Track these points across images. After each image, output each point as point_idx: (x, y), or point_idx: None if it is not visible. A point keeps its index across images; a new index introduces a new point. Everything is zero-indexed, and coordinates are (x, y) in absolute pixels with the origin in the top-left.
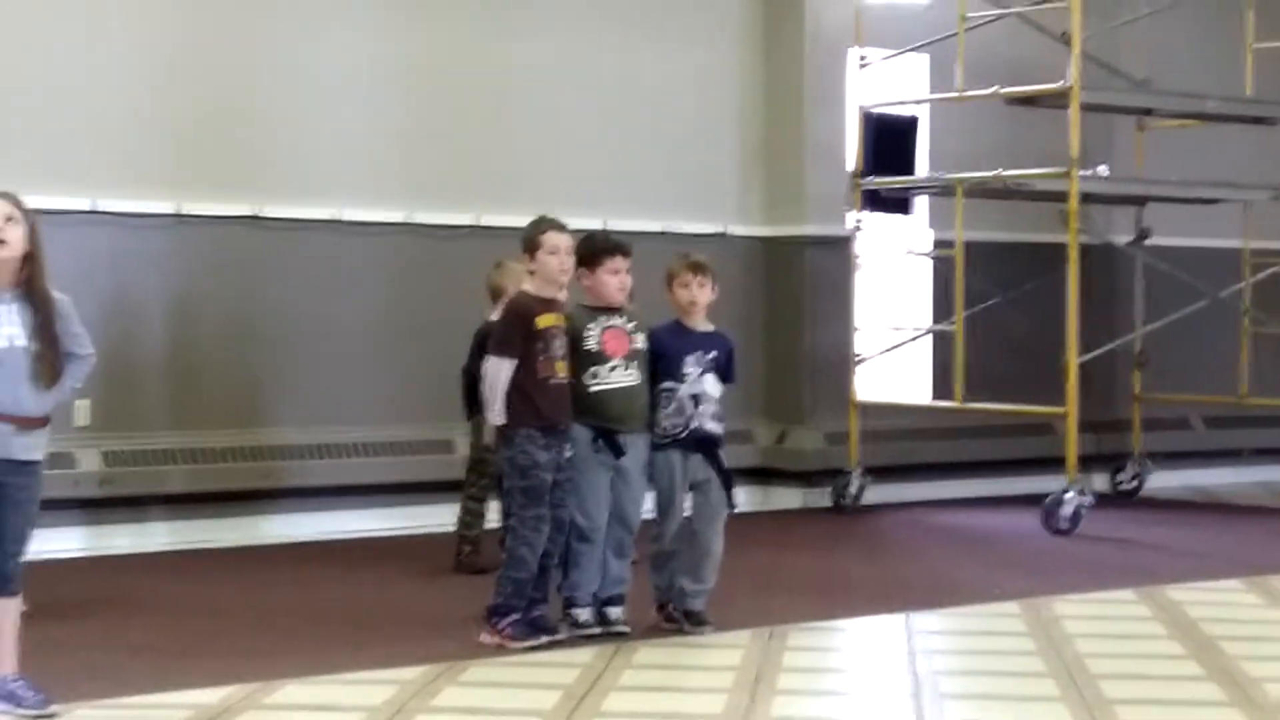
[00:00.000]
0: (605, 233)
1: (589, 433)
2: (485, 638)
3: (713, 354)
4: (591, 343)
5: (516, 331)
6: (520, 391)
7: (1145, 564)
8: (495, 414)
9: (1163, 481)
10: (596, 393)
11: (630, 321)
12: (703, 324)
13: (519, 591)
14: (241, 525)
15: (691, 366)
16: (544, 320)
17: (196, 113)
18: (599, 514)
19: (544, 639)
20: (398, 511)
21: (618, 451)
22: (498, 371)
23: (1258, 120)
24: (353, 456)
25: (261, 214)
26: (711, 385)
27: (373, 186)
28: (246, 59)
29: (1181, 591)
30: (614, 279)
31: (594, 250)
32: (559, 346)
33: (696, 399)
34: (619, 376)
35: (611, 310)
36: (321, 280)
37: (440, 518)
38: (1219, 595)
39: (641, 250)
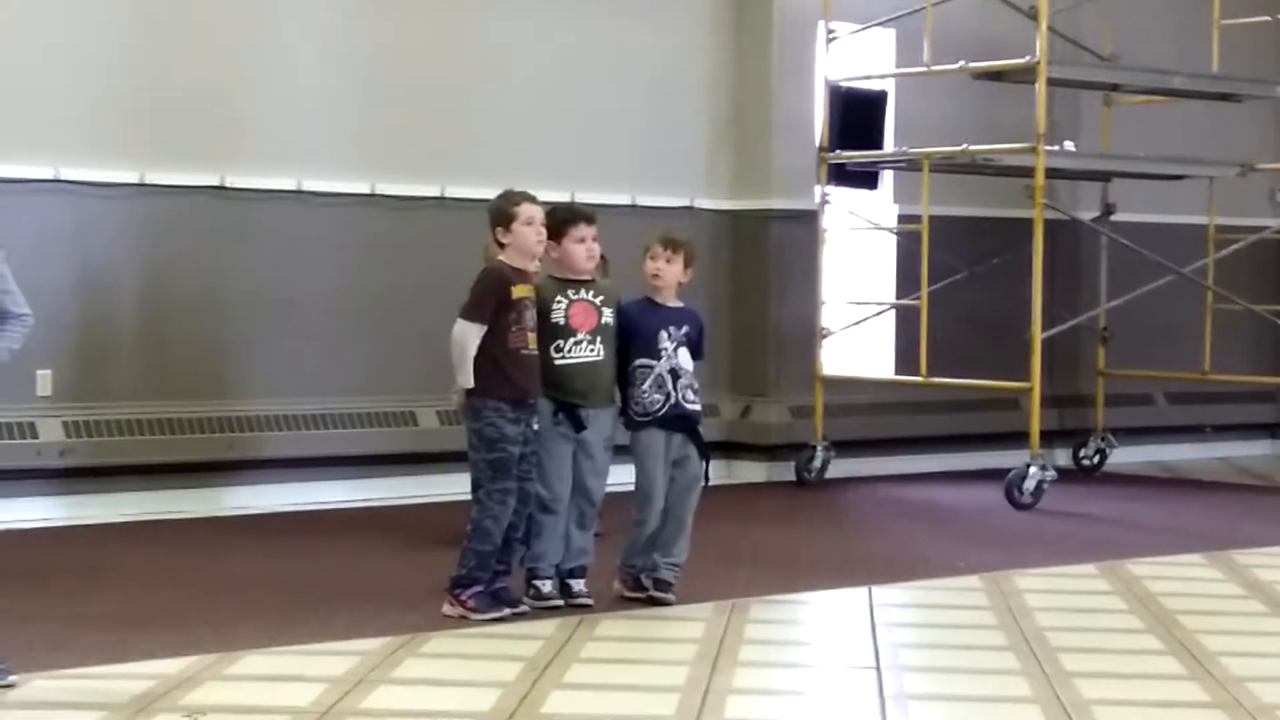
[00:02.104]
0: (570, 204)
1: (550, 406)
2: (448, 609)
3: (685, 329)
4: (558, 315)
5: (491, 299)
6: (493, 362)
7: (1107, 538)
8: (464, 377)
9: (1125, 457)
10: (561, 366)
11: (599, 295)
12: (672, 300)
13: (483, 564)
14: (205, 496)
15: (666, 342)
16: (519, 290)
17: (161, 82)
18: (561, 486)
19: (506, 611)
20: (362, 483)
21: (578, 425)
22: (466, 336)
23: (1224, 97)
24: (317, 428)
25: (225, 184)
26: (686, 359)
27: (337, 157)
28: (211, 28)
29: (1142, 566)
30: (580, 247)
31: (558, 220)
32: (530, 318)
33: (675, 373)
34: (584, 351)
35: (581, 283)
36: (285, 251)
37: (404, 490)
38: (1180, 570)
39: (609, 224)
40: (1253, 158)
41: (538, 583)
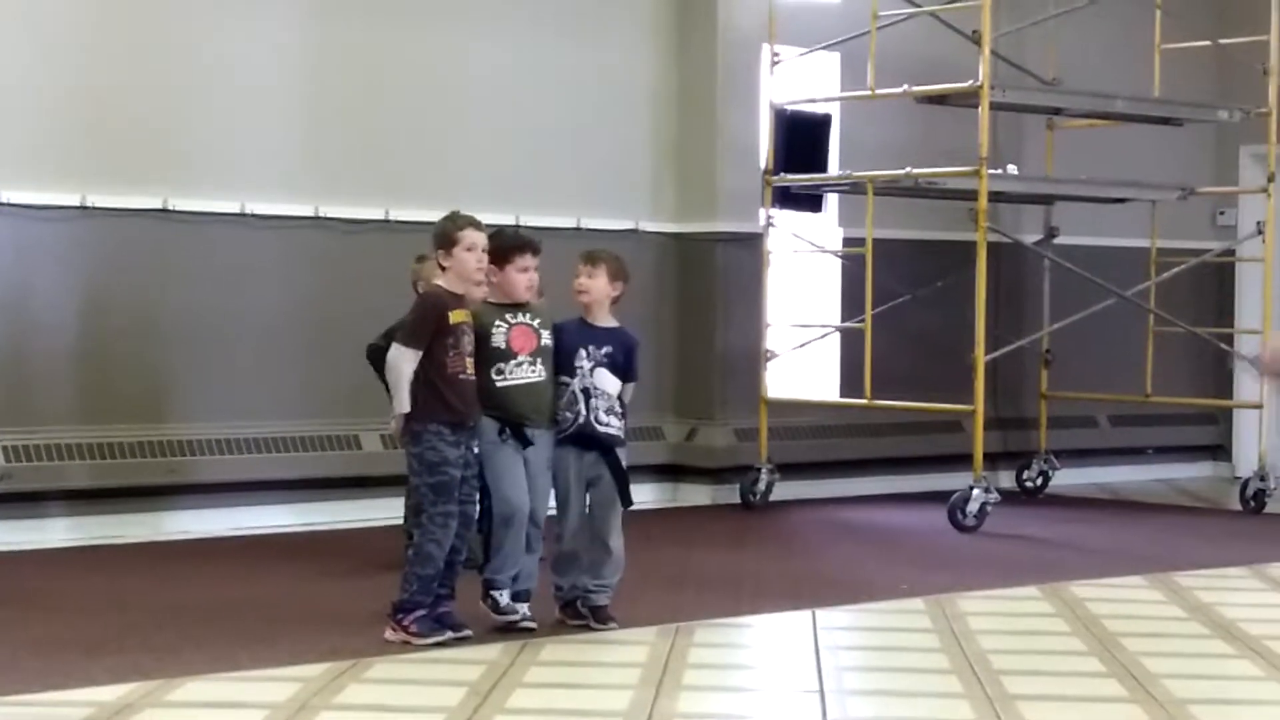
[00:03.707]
0: (515, 229)
1: (495, 424)
2: (390, 634)
3: (607, 349)
4: (499, 339)
5: (429, 325)
6: (431, 387)
7: (1049, 560)
8: (401, 402)
9: (1068, 479)
10: (503, 388)
11: (537, 318)
12: (605, 320)
13: (425, 588)
14: (146, 521)
15: (583, 360)
16: (456, 316)
17: (104, 104)
18: (517, 495)
19: (449, 634)
20: (305, 507)
21: (525, 442)
22: (401, 361)
23: (1165, 121)
24: (259, 452)
25: (169, 206)
26: (605, 381)
27: (281, 180)
28: (155, 50)
29: (1085, 588)
30: (523, 276)
31: (504, 247)
32: (468, 343)
33: (587, 392)
34: (525, 372)
35: (518, 306)
36: (229, 274)
37: (347, 514)
38: (1122, 592)
39: (554, 247)
40: (1194, 181)
41: (495, 594)
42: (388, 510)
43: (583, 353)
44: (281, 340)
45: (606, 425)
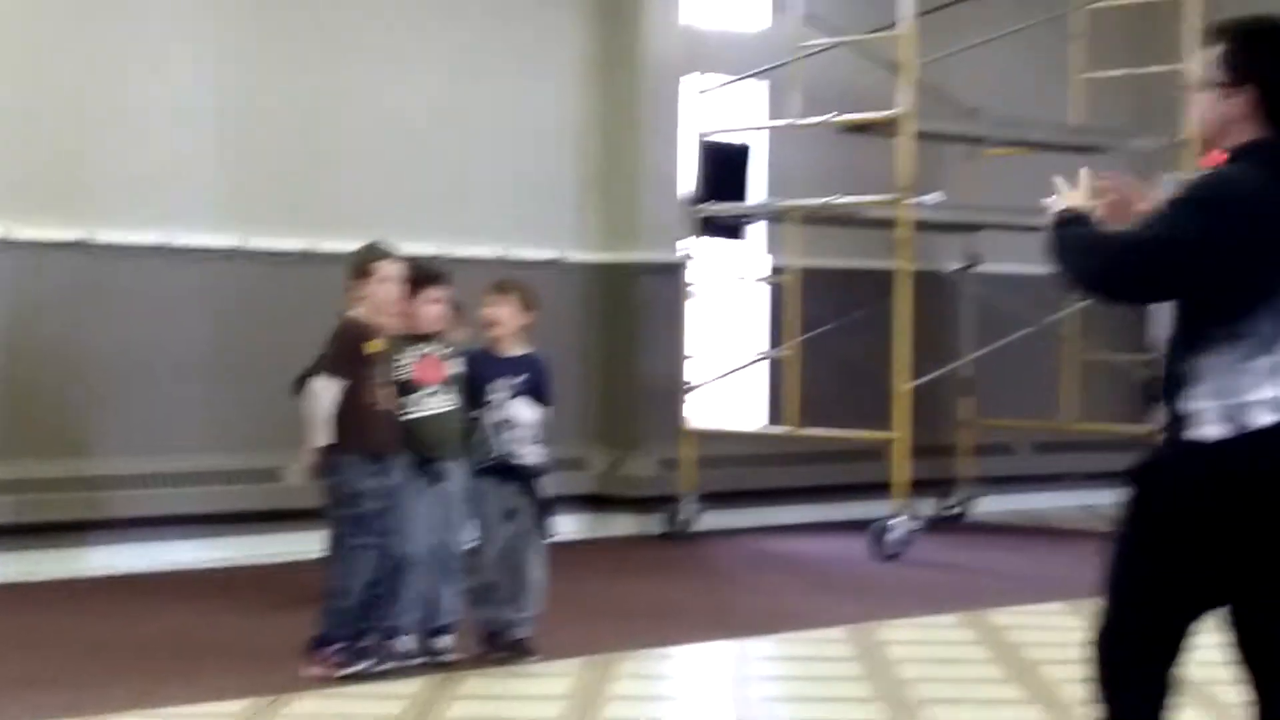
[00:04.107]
0: (424, 261)
1: (405, 460)
2: (310, 669)
3: (521, 378)
4: (405, 370)
5: (347, 356)
6: (349, 417)
7: (971, 588)
8: (321, 434)
9: (990, 506)
10: (412, 420)
11: (445, 348)
12: (512, 347)
13: (344, 621)
14: (65, 557)
15: (496, 393)
16: (373, 346)
17: (25, 134)
18: (417, 542)
19: (370, 664)
20: (226, 541)
21: (434, 478)
22: (321, 393)
23: (1084, 149)
24: (180, 486)
25: (90, 239)
26: (521, 410)
27: (204, 212)
28: (76, 79)
29: (1006, 615)
30: (433, 308)
31: (413, 278)
32: (384, 373)
33: (502, 425)
34: (432, 404)
35: (426, 337)
36: (151, 306)
37: (270, 548)
38: (1042, 619)
39: (478, 277)
40: None
41: (398, 640)
42: (310, 544)
43: (498, 384)
44: (203, 373)
45: (526, 455)
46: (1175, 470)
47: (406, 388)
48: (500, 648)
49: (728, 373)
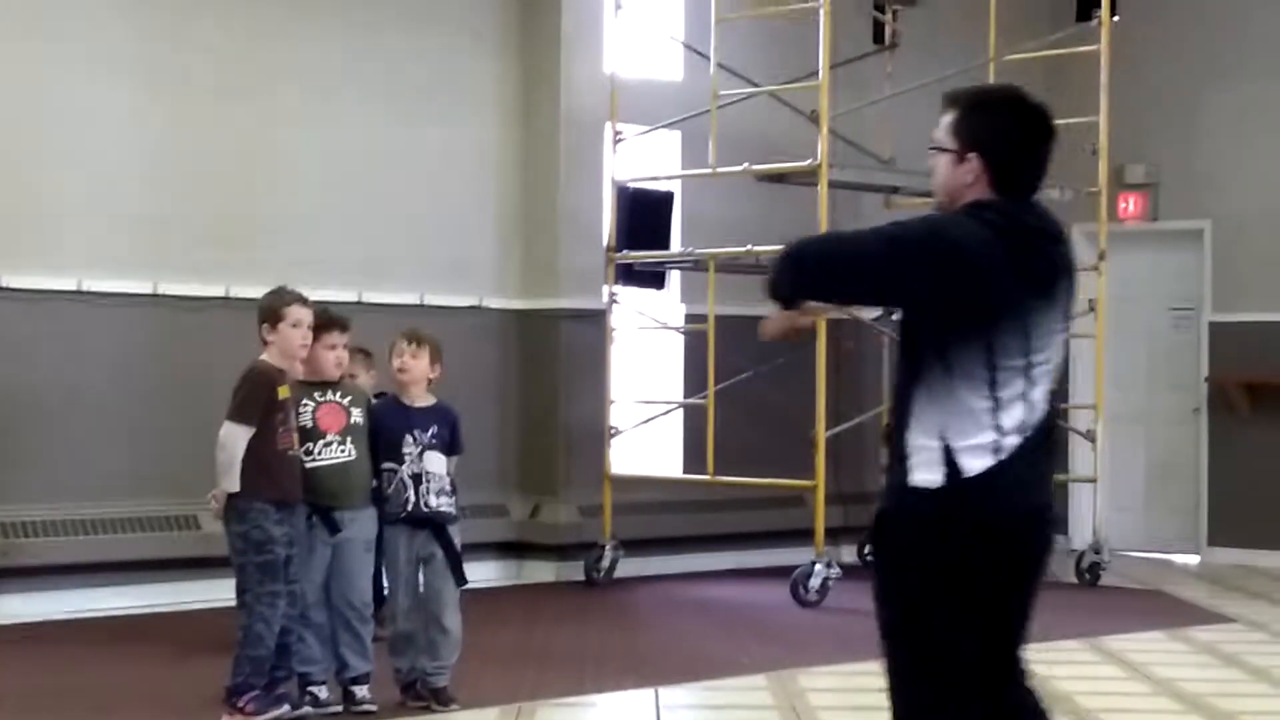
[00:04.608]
0: (324, 306)
1: (304, 510)
2: (226, 718)
3: (432, 429)
4: (306, 418)
5: (259, 400)
6: (259, 463)
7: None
8: (230, 481)
9: None
10: (312, 469)
11: (346, 395)
12: (422, 398)
13: (258, 669)
14: None
15: (410, 446)
16: (283, 391)
17: None
18: (311, 590)
19: (287, 709)
20: (143, 589)
21: (333, 528)
22: (234, 439)
23: None
24: (93, 533)
25: (3, 284)
26: (435, 462)
27: (119, 257)
28: None
29: None
30: (331, 354)
31: (313, 325)
32: (295, 418)
33: (418, 478)
34: (334, 452)
35: (328, 385)
36: (65, 351)
37: (187, 595)
38: None
39: (396, 323)
40: None
41: (313, 689)
42: (227, 591)
43: (409, 438)
44: (118, 419)
45: (438, 505)
46: (906, 521)
47: (307, 435)
48: (419, 697)
49: (647, 420)
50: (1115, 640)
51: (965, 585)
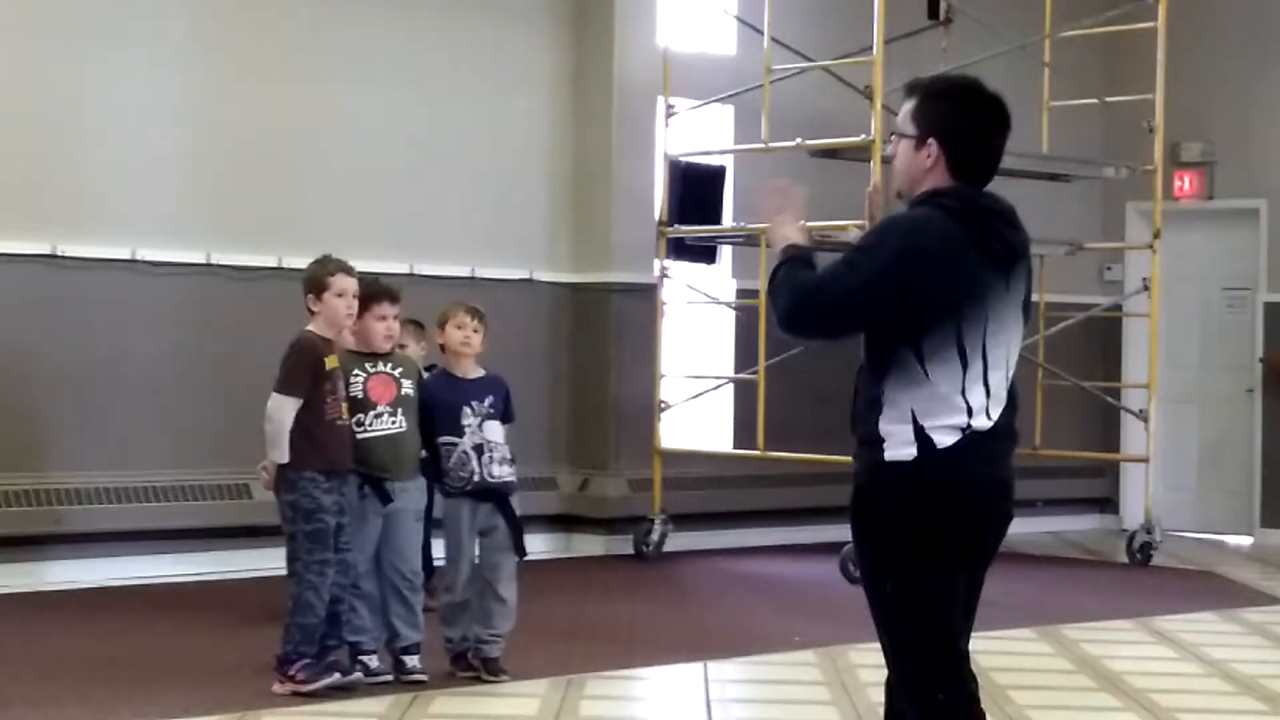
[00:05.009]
0: (373, 278)
1: (357, 480)
2: (278, 687)
3: (488, 399)
4: (357, 388)
5: (305, 371)
6: (307, 433)
7: None
8: (279, 452)
9: None
10: (363, 440)
11: (397, 367)
12: (473, 370)
13: (308, 638)
14: (28, 571)
15: (470, 418)
16: (330, 361)
17: None
18: (362, 560)
19: (337, 676)
20: (195, 557)
21: (385, 498)
22: (282, 411)
23: (1053, 177)
24: (146, 501)
25: (57, 253)
26: (495, 431)
27: (173, 227)
28: (44, 94)
29: (973, 640)
30: (381, 325)
31: (364, 296)
32: (343, 388)
33: (480, 449)
34: (385, 423)
35: (378, 356)
36: (119, 321)
37: (238, 563)
38: (1010, 644)
39: (447, 295)
40: (1082, 236)
41: (363, 658)
42: (277, 560)
43: (467, 410)
44: (171, 388)
45: (501, 475)
46: (885, 492)
47: (358, 405)
48: (469, 668)
49: (697, 394)
50: (1167, 621)
51: (948, 542)
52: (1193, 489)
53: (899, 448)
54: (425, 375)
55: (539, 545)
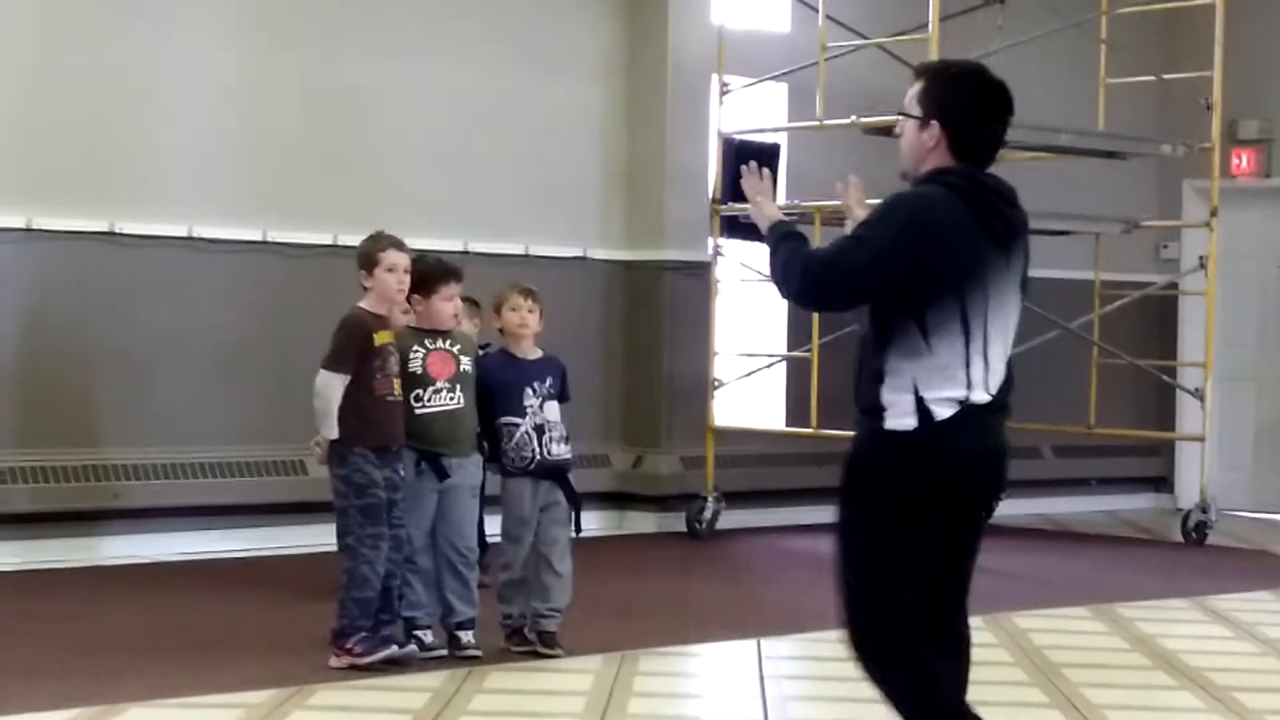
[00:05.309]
0: (438, 257)
1: (413, 455)
2: (334, 661)
3: (548, 379)
4: (416, 364)
5: (353, 348)
6: (357, 409)
7: (992, 591)
8: (328, 427)
9: (1011, 509)
10: (421, 415)
11: (456, 344)
12: (533, 350)
13: (365, 612)
14: (88, 546)
15: (531, 399)
16: (381, 337)
17: (50, 125)
18: (418, 535)
19: (395, 649)
20: (250, 533)
21: (442, 474)
22: (329, 386)
23: (1109, 154)
24: (202, 477)
25: (115, 230)
26: (554, 411)
27: (229, 204)
28: (101, 73)
29: (1027, 619)
30: (450, 305)
31: (430, 276)
32: (394, 364)
33: (541, 429)
34: (444, 399)
35: (439, 333)
36: (175, 298)
37: (293, 539)
38: (1064, 623)
39: (501, 273)
40: (1138, 214)
41: (418, 633)
42: (330, 536)
43: (529, 390)
44: (226, 365)
45: (560, 454)
46: (880, 459)
47: (417, 381)
48: (525, 643)
49: (750, 372)
50: (1222, 600)
51: (936, 514)
52: (1248, 468)
53: (899, 418)
54: (481, 354)
55: (592, 523)
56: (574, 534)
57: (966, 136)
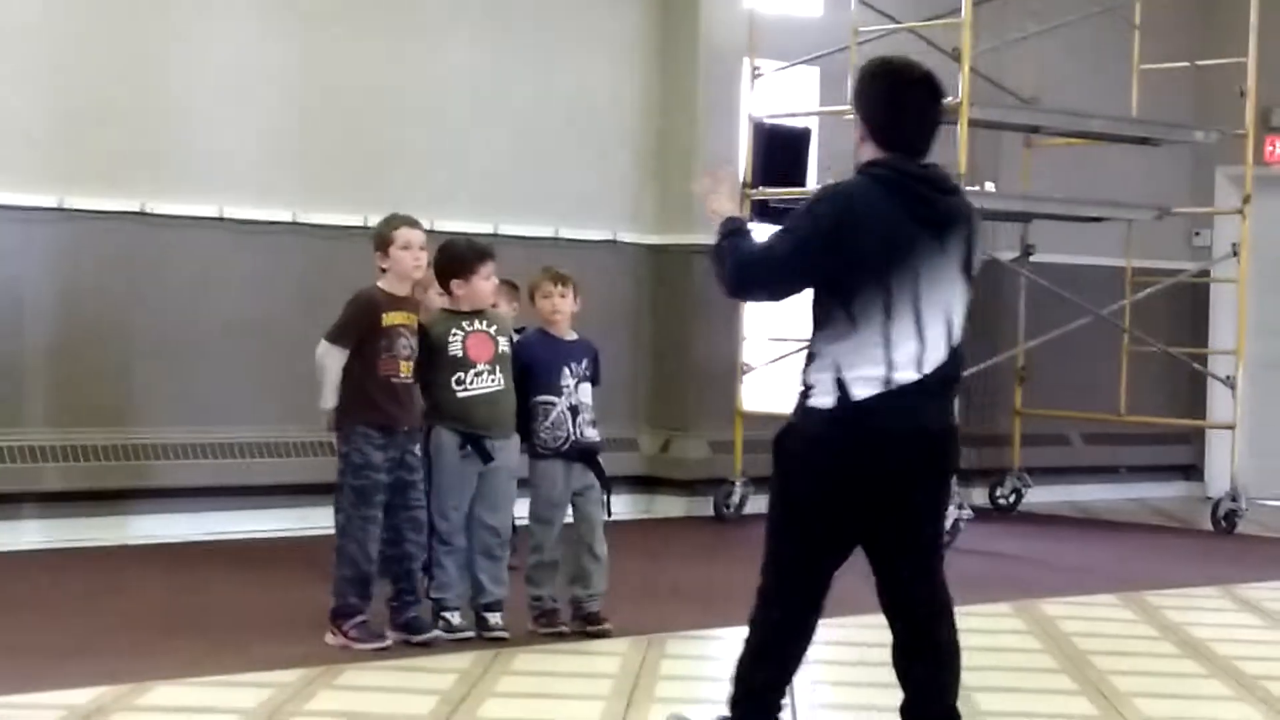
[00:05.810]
0: (469, 240)
1: (456, 438)
2: (330, 639)
3: (584, 362)
4: (456, 348)
5: (356, 324)
6: (359, 388)
7: (1021, 578)
8: (324, 397)
9: (1041, 496)
10: (464, 399)
11: (493, 325)
12: (569, 332)
13: (357, 590)
14: (116, 524)
15: (568, 379)
16: (392, 318)
17: (82, 105)
18: (457, 518)
19: (388, 641)
20: (277, 513)
21: (486, 456)
22: (326, 357)
23: (1142, 141)
24: (230, 457)
25: (146, 209)
26: (587, 394)
27: (261, 185)
28: (134, 54)
29: (1056, 606)
30: (489, 284)
31: (466, 258)
32: (404, 346)
33: (575, 410)
34: (485, 381)
35: (475, 314)
36: (204, 277)
37: (320, 520)
38: (1093, 610)
39: (532, 256)
40: (1170, 201)
41: (446, 614)
42: None
43: (565, 371)
44: (255, 345)
45: (592, 436)
46: (800, 433)
47: (457, 365)
48: (552, 625)
49: (779, 357)
50: (1252, 589)
51: (843, 491)
52: (1279, 456)
53: (820, 396)
54: (520, 336)
55: (619, 506)
56: (605, 517)
57: (885, 129)
